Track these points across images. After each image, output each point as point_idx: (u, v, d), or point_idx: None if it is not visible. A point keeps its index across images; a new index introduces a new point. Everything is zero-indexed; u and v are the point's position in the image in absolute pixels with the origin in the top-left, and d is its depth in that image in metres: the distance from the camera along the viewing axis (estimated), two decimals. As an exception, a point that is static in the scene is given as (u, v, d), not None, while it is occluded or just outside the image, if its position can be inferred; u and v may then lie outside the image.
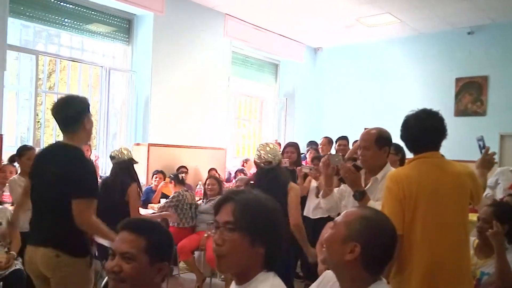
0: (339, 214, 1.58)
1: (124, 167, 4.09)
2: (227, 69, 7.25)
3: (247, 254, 1.32)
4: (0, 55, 4.55)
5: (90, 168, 2.45)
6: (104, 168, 5.83)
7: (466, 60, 7.26)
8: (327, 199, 2.76)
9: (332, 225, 1.50)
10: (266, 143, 3.31)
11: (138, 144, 6.20)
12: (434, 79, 7.57)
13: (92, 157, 5.38)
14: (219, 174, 6.28)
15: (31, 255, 2.41)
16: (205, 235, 4.66)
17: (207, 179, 5.33)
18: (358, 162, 2.72)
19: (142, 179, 6.01)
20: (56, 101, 2.57)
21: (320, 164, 2.86)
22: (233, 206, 1.34)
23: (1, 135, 4.56)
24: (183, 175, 5.91)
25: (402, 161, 3.74)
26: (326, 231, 1.52)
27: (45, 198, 2.41)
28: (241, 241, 1.31)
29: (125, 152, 4.17)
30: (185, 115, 6.52)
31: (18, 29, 5.20)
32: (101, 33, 5.97)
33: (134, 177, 4.16)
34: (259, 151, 3.22)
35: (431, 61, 7.62)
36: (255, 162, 3.30)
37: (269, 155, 3.17)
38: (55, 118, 2.49)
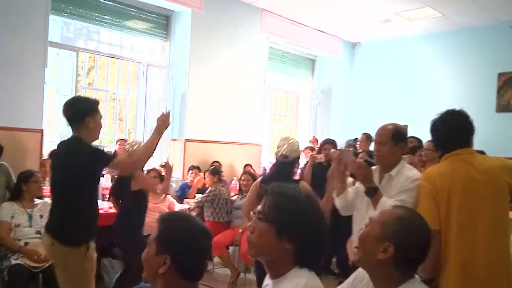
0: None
1: None
2: (264, 64, 7.18)
3: (273, 246, 1.34)
4: (41, 52, 4.65)
5: (92, 152, 2.61)
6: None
7: (509, 55, 6.90)
8: (341, 198, 2.62)
9: (367, 222, 1.50)
10: (287, 137, 3.28)
11: (174, 140, 6.24)
12: (476, 74, 7.22)
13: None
14: (254, 170, 6.23)
15: (42, 241, 2.77)
16: (240, 230, 4.62)
17: (242, 175, 5.30)
18: (370, 158, 2.69)
19: (178, 174, 6.06)
20: (65, 101, 2.76)
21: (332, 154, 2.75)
22: (268, 198, 1.39)
23: (42, 130, 4.67)
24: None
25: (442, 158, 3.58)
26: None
27: (52, 188, 2.70)
28: (267, 232, 1.35)
29: (137, 144, 4.02)
30: (221, 111, 6.50)
31: (59, 26, 5.31)
32: (140, 29, 6.03)
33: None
34: (279, 144, 3.19)
35: (472, 55, 7.27)
36: (275, 155, 3.27)
37: (286, 149, 3.11)
38: (63, 116, 2.69)
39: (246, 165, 6.33)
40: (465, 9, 6.51)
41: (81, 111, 2.61)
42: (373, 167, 2.54)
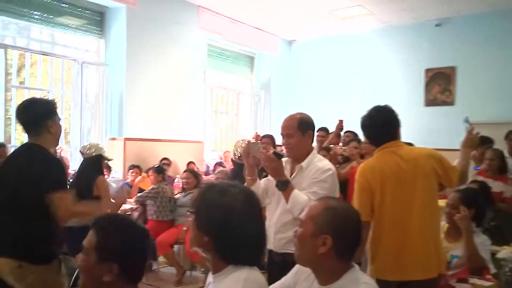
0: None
1: (91, 162, 3.96)
2: (203, 62, 7.24)
3: (197, 237, 1.40)
4: (-33, 50, 4.41)
5: (54, 162, 2.36)
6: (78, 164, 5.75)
7: (435, 52, 7.47)
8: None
9: (299, 223, 1.55)
10: (243, 140, 3.29)
11: (113, 139, 6.14)
12: (405, 70, 7.76)
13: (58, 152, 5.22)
14: (197, 168, 6.29)
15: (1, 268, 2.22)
16: (184, 228, 4.68)
17: (183, 172, 5.33)
18: (279, 150, 2.70)
19: (119, 174, 5.98)
20: (18, 104, 2.48)
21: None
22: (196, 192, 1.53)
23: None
24: (165, 167, 5.91)
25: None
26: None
27: (4, 203, 2.29)
28: (193, 224, 1.42)
29: (95, 147, 4.03)
30: (161, 109, 6.48)
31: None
32: (73, 26, 5.86)
33: (100, 171, 4.00)
34: (234, 148, 3.23)
35: (402, 53, 7.81)
36: (232, 160, 3.30)
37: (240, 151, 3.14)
38: (18, 121, 2.42)
39: (189, 163, 6.38)
40: (393, 9, 6.98)
41: (39, 115, 2.35)
42: (285, 159, 2.48)
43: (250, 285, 1.34)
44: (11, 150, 4.17)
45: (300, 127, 2.42)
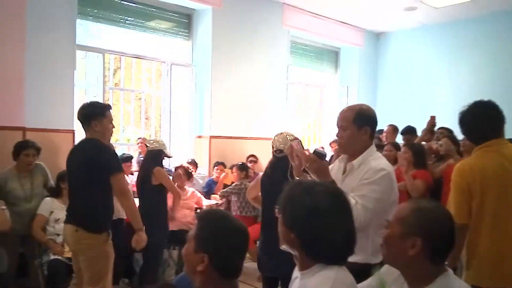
0: None
1: (152, 155, 4.16)
2: (286, 58, 7.26)
3: (285, 235, 1.43)
4: (70, 55, 4.88)
5: (110, 151, 2.96)
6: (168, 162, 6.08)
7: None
8: None
9: (386, 224, 1.51)
10: (281, 132, 3.15)
11: (200, 137, 6.40)
12: (509, 60, 7.08)
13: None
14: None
15: (63, 232, 3.05)
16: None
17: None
18: (320, 149, 2.50)
19: (204, 170, 6.23)
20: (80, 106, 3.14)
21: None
22: (284, 190, 1.49)
23: (74, 130, 4.90)
24: (252, 164, 6.05)
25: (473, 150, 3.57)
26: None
27: (71, 183, 3.03)
28: (280, 221, 1.46)
29: (158, 143, 4.21)
30: (245, 107, 6.63)
31: (86, 29, 5.54)
32: (162, 29, 6.21)
33: (158, 163, 4.18)
34: (273, 142, 3.13)
35: (505, 41, 7.13)
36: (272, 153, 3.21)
37: (280, 144, 3.03)
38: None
39: (271, 160, 6.43)
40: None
41: (88, 114, 2.94)
42: (341, 156, 2.31)
43: (338, 285, 1.34)
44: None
45: (356, 121, 2.15)
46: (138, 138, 5.89)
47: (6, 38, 4.30)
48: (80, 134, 5.29)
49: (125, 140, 6.14)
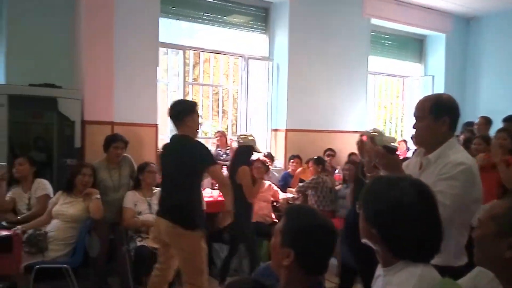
0: None
1: (241, 152, 4.29)
2: (366, 49, 7.10)
3: (366, 230, 1.43)
4: (153, 52, 5.19)
5: (203, 146, 3.20)
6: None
7: None
8: None
9: (478, 223, 1.43)
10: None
11: (276, 130, 6.49)
12: None
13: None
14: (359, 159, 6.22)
15: (157, 223, 3.21)
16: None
17: (345, 164, 5.35)
18: (392, 143, 2.34)
19: (280, 163, 6.31)
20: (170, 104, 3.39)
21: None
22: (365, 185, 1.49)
23: (157, 125, 5.21)
24: (329, 158, 6.04)
25: None
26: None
27: (167, 179, 3.21)
28: (361, 216, 1.45)
29: (247, 138, 4.32)
30: (322, 100, 6.60)
31: (166, 27, 5.84)
32: (240, 23, 6.36)
33: (246, 162, 4.29)
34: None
35: None
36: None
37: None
38: (169, 117, 3.28)
39: (350, 154, 6.35)
40: None
41: (181, 111, 3.17)
42: (418, 150, 2.19)
43: (424, 282, 1.31)
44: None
45: (433, 111, 2.01)
46: (216, 132, 6.12)
47: (97, 39, 4.69)
48: (163, 129, 5.67)
49: (203, 134, 6.40)
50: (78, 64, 4.79)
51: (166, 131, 5.78)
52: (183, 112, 3.16)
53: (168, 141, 3.54)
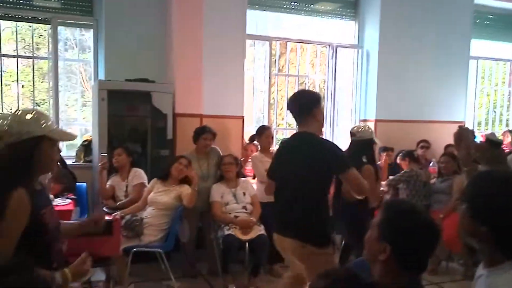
0: None
1: (360, 145, 3.99)
2: (467, 31, 6.63)
3: (471, 227, 1.37)
4: (240, 45, 5.33)
5: (336, 147, 2.71)
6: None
7: None
8: None
9: None
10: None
11: (365, 120, 6.33)
12: None
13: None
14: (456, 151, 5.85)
15: (279, 242, 2.76)
16: (441, 215, 4.47)
17: (441, 156, 5.08)
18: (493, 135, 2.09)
19: (370, 156, 6.15)
20: (290, 96, 2.93)
21: None
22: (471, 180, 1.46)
23: (243, 116, 5.35)
24: (423, 150, 5.78)
25: None
26: None
27: (288, 186, 2.69)
28: (465, 213, 1.38)
29: (366, 130, 4.10)
30: (416, 88, 6.32)
31: (253, 19, 5.94)
32: (328, 11, 6.28)
33: (370, 158, 3.99)
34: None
35: None
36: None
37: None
38: (290, 112, 2.85)
39: (447, 146, 6.00)
40: None
41: (309, 103, 2.73)
42: None
43: None
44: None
45: None
46: None
47: (187, 35, 4.91)
48: (247, 121, 5.80)
49: (287, 125, 6.42)
50: (169, 59, 5.07)
51: (252, 122, 5.92)
52: (312, 103, 2.73)
53: (288, 140, 3.08)
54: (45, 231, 1.81)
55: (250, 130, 5.71)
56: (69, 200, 3.99)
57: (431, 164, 5.61)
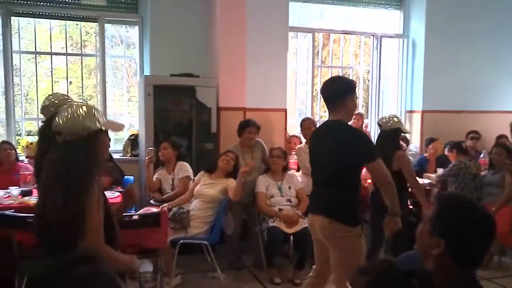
0: None
1: (389, 136, 4.01)
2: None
3: None
4: (283, 38, 5.32)
5: (366, 137, 2.79)
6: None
7: None
8: None
9: None
10: None
11: (410, 111, 6.20)
12: None
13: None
14: (510, 142, 5.63)
15: (311, 222, 2.88)
16: (493, 209, 4.33)
17: (493, 147, 4.91)
18: None
19: (416, 147, 6.04)
20: (324, 81, 2.97)
21: None
22: None
23: (286, 109, 5.35)
24: (473, 141, 5.61)
25: None
26: None
27: (322, 172, 2.82)
28: None
29: (393, 120, 4.07)
30: (465, 77, 6.12)
31: (296, 11, 5.92)
32: (371, 1, 6.17)
33: (398, 146, 4.03)
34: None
35: None
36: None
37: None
38: (322, 97, 2.89)
39: (499, 136, 5.78)
40: None
41: (341, 90, 2.75)
42: None
43: None
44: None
45: None
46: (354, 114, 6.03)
47: (231, 30, 4.94)
48: (291, 113, 5.80)
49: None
50: (213, 54, 5.13)
51: (294, 115, 5.90)
52: (345, 91, 2.75)
53: (319, 128, 3.14)
54: (111, 214, 2.01)
55: (293, 122, 5.70)
56: (118, 193, 4.13)
57: (481, 155, 5.43)
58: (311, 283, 3.01)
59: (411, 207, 4.56)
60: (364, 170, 3.01)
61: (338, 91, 2.75)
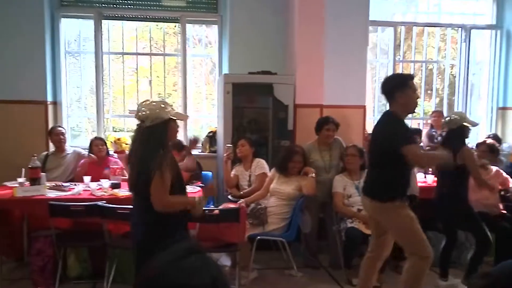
0: None
1: (453, 133, 3.89)
2: None
3: None
4: (363, 32, 5.20)
5: (401, 124, 3.04)
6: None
7: None
8: None
9: None
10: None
11: (504, 108, 5.82)
12: None
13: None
14: None
15: (361, 200, 3.37)
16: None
17: None
18: None
19: (508, 147, 5.66)
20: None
21: None
22: None
23: (364, 106, 5.24)
24: None
25: None
26: None
27: (369, 156, 3.41)
28: None
29: (454, 119, 3.91)
30: None
31: (377, 4, 5.76)
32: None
33: (464, 142, 3.92)
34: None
35: None
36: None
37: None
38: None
39: None
40: None
41: (390, 87, 3.07)
42: None
43: None
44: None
45: None
46: (433, 112, 5.80)
47: (308, 27, 4.90)
48: (370, 110, 5.69)
49: (411, 115, 6.13)
50: (291, 50, 5.15)
51: (374, 112, 5.77)
52: (395, 87, 3.04)
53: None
54: (182, 179, 2.71)
55: (372, 120, 5.58)
56: (199, 188, 4.30)
57: None
58: (369, 258, 3.35)
59: (504, 211, 4.30)
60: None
61: (387, 90, 3.08)
